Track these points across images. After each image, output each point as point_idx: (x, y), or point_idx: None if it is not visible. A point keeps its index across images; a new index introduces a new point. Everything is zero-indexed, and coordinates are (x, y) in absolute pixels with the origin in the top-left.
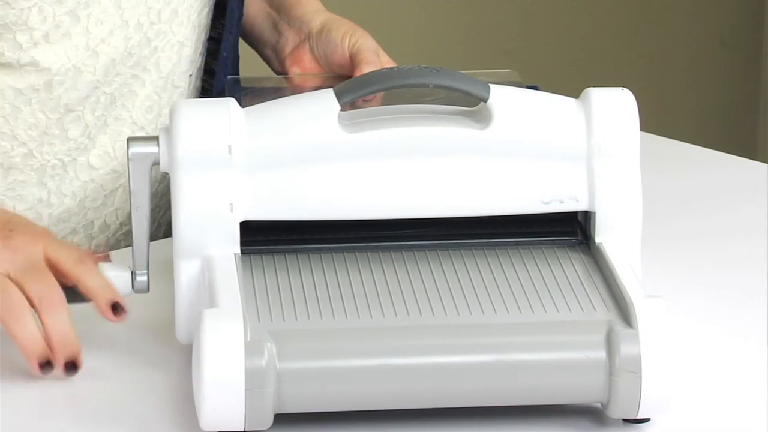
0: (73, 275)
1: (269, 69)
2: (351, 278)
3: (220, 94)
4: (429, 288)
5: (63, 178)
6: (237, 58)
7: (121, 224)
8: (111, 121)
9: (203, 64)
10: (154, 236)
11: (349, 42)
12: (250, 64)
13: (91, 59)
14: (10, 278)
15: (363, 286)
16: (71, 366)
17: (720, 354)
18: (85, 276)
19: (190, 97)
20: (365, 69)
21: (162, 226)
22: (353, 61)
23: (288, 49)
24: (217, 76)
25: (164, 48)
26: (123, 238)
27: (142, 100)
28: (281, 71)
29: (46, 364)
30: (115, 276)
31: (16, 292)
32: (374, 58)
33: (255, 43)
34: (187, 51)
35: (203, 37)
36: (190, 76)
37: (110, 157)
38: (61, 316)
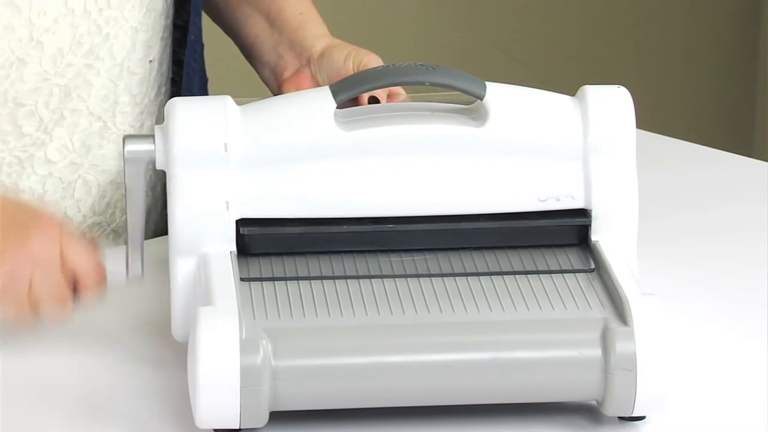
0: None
1: (263, 89)
2: (347, 276)
3: (190, 80)
4: (425, 286)
5: (20, 175)
6: (202, 45)
7: (84, 217)
8: (67, 113)
9: (170, 52)
10: None
11: (353, 62)
12: (244, 85)
13: (35, 50)
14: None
15: (359, 284)
16: None
17: (716, 351)
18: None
19: (154, 84)
20: None
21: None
22: None
23: (287, 74)
24: (186, 61)
25: (117, 34)
26: (88, 231)
27: (97, 89)
28: (279, 94)
29: None
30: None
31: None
32: None
33: (254, 62)
34: (142, 36)
35: (162, 21)
36: (150, 61)
37: (68, 150)
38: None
